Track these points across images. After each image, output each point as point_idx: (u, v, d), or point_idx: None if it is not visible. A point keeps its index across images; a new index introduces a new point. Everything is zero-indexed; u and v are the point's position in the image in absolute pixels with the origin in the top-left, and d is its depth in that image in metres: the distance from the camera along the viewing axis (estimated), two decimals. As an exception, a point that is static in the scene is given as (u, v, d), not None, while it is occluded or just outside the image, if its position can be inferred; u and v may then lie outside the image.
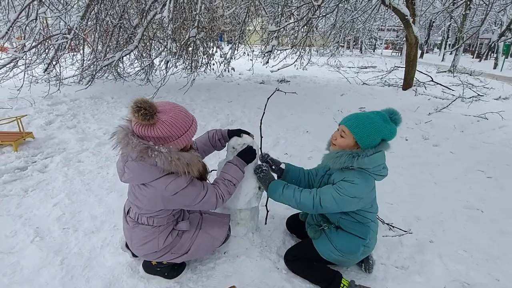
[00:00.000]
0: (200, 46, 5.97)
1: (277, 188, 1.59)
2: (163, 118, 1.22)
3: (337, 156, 1.43)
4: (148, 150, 1.20)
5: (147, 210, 1.40)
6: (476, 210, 2.43)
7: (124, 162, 1.30)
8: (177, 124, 1.24)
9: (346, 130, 1.45)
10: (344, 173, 1.46)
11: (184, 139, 1.29)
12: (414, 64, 7.15)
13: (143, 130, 1.22)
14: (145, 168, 1.26)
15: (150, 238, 1.45)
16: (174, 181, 1.28)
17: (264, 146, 3.63)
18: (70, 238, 1.96)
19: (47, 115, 4.55)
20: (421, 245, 1.96)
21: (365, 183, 1.44)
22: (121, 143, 1.22)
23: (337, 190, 1.43)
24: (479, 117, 4.97)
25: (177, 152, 1.26)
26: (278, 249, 1.85)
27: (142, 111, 1.15)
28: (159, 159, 1.21)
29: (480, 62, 20.78)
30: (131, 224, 1.48)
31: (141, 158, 1.22)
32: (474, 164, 3.34)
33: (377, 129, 1.39)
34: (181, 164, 1.24)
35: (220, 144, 1.72)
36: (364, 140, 1.41)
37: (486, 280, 1.71)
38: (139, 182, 1.31)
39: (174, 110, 1.26)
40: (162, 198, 1.30)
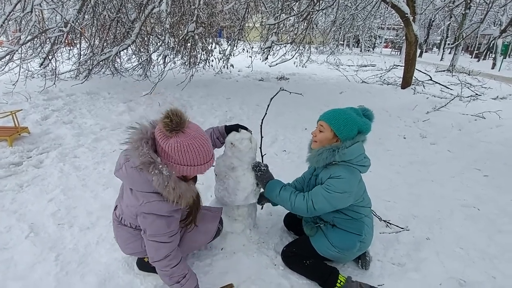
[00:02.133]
0: (199, 41, 5.92)
1: (274, 188, 1.61)
2: (181, 139, 1.16)
3: (319, 154, 1.49)
4: (150, 165, 1.15)
5: (126, 214, 1.38)
6: (473, 209, 2.44)
7: (125, 160, 1.27)
8: (189, 154, 1.18)
9: (324, 124, 1.52)
10: (330, 170, 1.50)
11: (188, 170, 1.21)
12: (413, 63, 7.14)
13: (158, 136, 1.19)
14: (140, 177, 1.22)
15: (133, 240, 1.44)
16: (158, 202, 1.23)
17: (263, 143, 3.59)
18: (65, 234, 1.94)
19: (43, 110, 4.49)
20: (418, 243, 1.96)
21: (351, 176, 1.48)
22: (131, 144, 1.18)
23: (326, 189, 1.46)
24: (476, 116, 4.98)
25: (175, 181, 1.19)
26: (276, 246, 1.85)
27: (167, 121, 1.12)
28: (156, 179, 1.16)
29: (478, 62, 20.83)
30: (115, 223, 1.47)
31: (140, 170, 1.18)
32: (471, 163, 3.35)
33: (352, 120, 1.47)
34: (174, 194, 1.19)
35: (220, 142, 1.68)
36: (341, 130, 1.47)
37: (482, 278, 1.71)
38: (129, 185, 1.29)
39: (197, 140, 1.19)
40: (137, 210, 1.26)
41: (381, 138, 4.05)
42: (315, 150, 1.52)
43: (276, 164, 3.14)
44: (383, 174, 2.99)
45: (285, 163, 3.19)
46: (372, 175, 2.93)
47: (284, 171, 2.94)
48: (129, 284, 1.57)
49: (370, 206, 1.68)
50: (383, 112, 5.33)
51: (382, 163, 3.24)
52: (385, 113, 5.27)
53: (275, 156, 3.34)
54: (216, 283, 1.56)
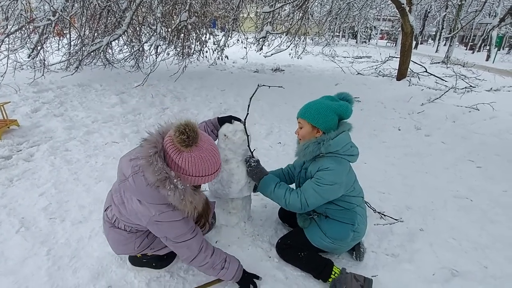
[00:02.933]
0: (192, 32, 5.81)
1: (268, 185, 1.60)
2: (194, 153, 1.16)
3: (305, 148, 1.49)
4: (166, 181, 1.13)
5: (128, 219, 1.33)
6: (466, 200, 2.46)
7: (133, 172, 1.21)
8: (202, 166, 1.18)
9: (301, 120, 1.54)
10: (318, 162, 1.50)
11: (199, 180, 1.22)
12: (409, 54, 7.12)
13: (170, 149, 1.16)
14: (152, 192, 1.18)
15: (126, 242, 1.41)
16: (168, 213, 1.22)
17: (258, 136, 3.59)
18: (57, 228, 1.91)
19: (32, 102, 4.39)
20: (412, 234, 1.97)
21: (340, 167, 1.47)
22: (144, 160, 1.14)
23: (316, 183, 1.47)
24: (470, 108, 5.00)
25: (191, 193, 1.20)
26: (270, 238, 1.84)
27: (184, 137, 1.09)
28: (172, 194, 1.15)
29: (473, 54, 20.91)
30: (107, 225, 1.42)
31: (157, 188, 1.15)
32: (464, 154, 3.37)
33: (325, 107, 1.46)
34: (190, 207, 1.20)
35: (214, 135, 1.64)
36: (318, 120, 1.46)
37: (474, 267, 1.74)
38: (137, 197, 1.23)
39: (209, 153, 1.19)
40: (150, 219, 1.23)
41: (376, 130, 4.06)
42: (301, 145, 1.54)
43: (271, 156, 3.12)
44: (378, 166, 2.99)
45: (280, 155, 3.17)
46: (367, 166, 2.95)
47: (279, 164, 2.90)
48: (123, 278, 1.56)
49: (362, 196, 1.68)
50: (378, 104, 5.33)
51: (377, 155, 3.24)
52: (380, 105, 5.27)
53: (270, 148, 3.33)
54: (211, 276, 1.55)
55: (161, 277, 1.55)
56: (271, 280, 1.55)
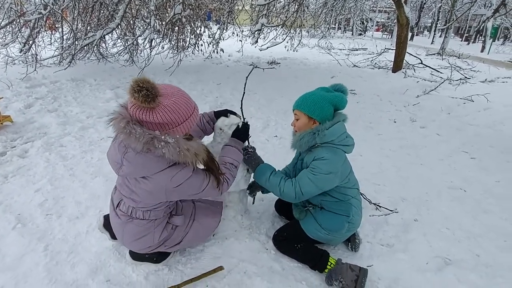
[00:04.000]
0: (187, 25, 5.73)
1: (264, 173, 1.61)
2: (164, 103, 1.13)
3: (300, 138, 1.50)
4: (154, 141, 1.11)
5: (145, 204, 1.33)
6: (459, 190, 2.50)
7: (122, 153, 1.19)
8: (179, 110, 1.16)
9: (297, 112, 1.55)
10: (313, 152, 1.51)
11: (185, 126, 1.20)
12: (405, 46, 7.12)
13: (141, 114, 1.11)
14: (149, 160, 1.17)
15: (145, 233, 1.39)
16: (180, 172, 1.22)
17: (254, 129, 3.59)
18: (54, 224, 1.91)
19: (26, 98, 4.33)
20: (406, 224, 2.00)
21: (335, 157, 1.49)
22: (122, 133, 1.10)
23: (311, 172, 1.48)
24: (465, 100, 5.04)
25: (185, 142, 1.18)
26: (267, 231, 1.86)
27: (143, 92, 1.05)
28: (167, 150, 1.12)
29: (468, 45, 20.95)
30: (123, 219, 1.39)
31: (147, 151, 1.13)
32: (459, 146, 3.41)
33: (320, 98, 1.48)
34: (190, 155, 1.18)
35: (210, 126, 1.65)
36: (313, 111, 1.48)
37: (467, 256, 1.77)
38: (141, 175, 1.22)
39: (177, 95, 1.18)
40: (166, 190, 1.23)
41: (372, 123, 4.07)
42: (297, 135, 1.55)
43: (268, 149, 3.13)
44: (373, 158, 3.02)
45: (277, 149, 3.18)
46: (363, 159, 2.98)
47: (275, 157, 2.94)
48: (121, 272, 1.57)
49: (358, 187, 1.71)
50: (374, 96, 5.34)
51: (373, 147, 3.27)
52: (376, 98, 5.28)
53: (266, 142, 3.33)
54: (208, 268, 1.57)
55: (159, 270, 1.56)
56: (268, 271, 1.57)
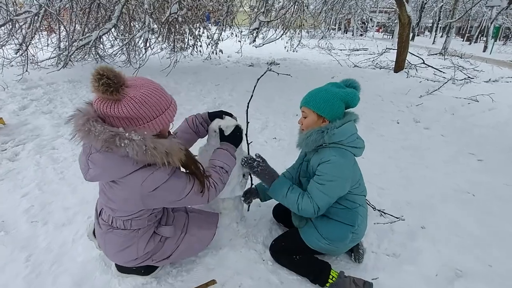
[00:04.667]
0: (185, 25, 5.64)
1: (281, 189, 1.44)
2: (131, 94, 0.99)
3: (307, 137, 1.38)
4: (115, 138, 0.97)
5: (123, 211, 1.20)
6: (467, 194, 2.38)
7: (87, 155, 1.07)
8: (150, 102, 1.02)
9: (305, 109, 1.43)
10: (320, 154, 1.39)
11: (159, 122, 1.07)
12: (406, 46, 7.01)
13: (105, 108, 0.99)
14: (115, 160, 1.04)
15: (128, 244, 1.26)
16: (153, 175, 1.08)
17: (252, 130, 3.48)
18: (39, 232, 1.80)
19: (21, 99, 4.25)
20: (413, 232, 1.89)
21: (343, 160, 1.36)
22: (81, 131, 0.98)
23: (318, 182, 1.36)
24: (470, 100, 4.92)
25: (153, 140, 1.03)
26: (264, 239, 1.75)
27: (103, 80, 0.92)
28: (131, 149, 0.98)
29: (470, 45, 20.83)
30: (104, 228, 1.28)
31: (107, 149, 1.00)
32: (464, 147, 3.29)
33: (331, 95, 1.36)
34: (159, 154, 1.02)
35: (203, 128, 1.53)
36: (323, 108, 1.36)
37: (478, 266, 1.66)
38: (109, 178, 1.10)
39: (148, 86, 1.04)
40: (141, 196, 1.10)
41: (374, 123, 3.96)
42: (304, 133, 1.42)
43: (267, 151, 3.02)
44: (376, 160, 2.90)
45: (276, 151, 3.07)
46: (365, 161, 2.85)
47: (274, 159, 2.81)
48: (107, 284, 1.46)
49: (365, 194, 1.58)
50: (376, 97, 5.22)
51: (375, 149, 3.15)
52: (378, 98, 5.16)
53: (265, 144, 3.23)
54: (201, 281, 1.46)
55: (148, 284, 1.45)
56: (265, 284, 1.46)
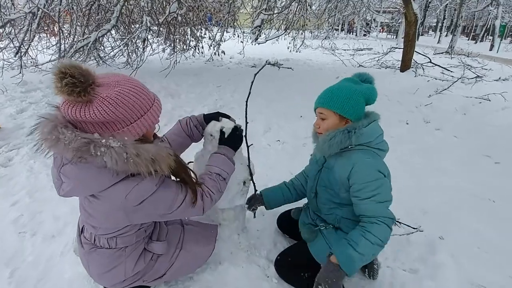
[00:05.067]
0: (186, 26, 5.54)
1: (352, 259, 1.11)
2: (104, 94, 0.84)
3: (330, 138, 1.21)
4: (89, 146, 0.83)
5: (106, 229, 1.06)
6: (487, 200, 2.21)
7: (58, 167, 0.92)
8: (128, 102, 0.87)
9: (323, 110, 1.26)
10: (345, 157, 1.23)
11: (141, 124, 0.92)
12: (413, 44, 6.82)
13: (74, 112, 0.84)
14: (91, 172, 0.89)
15: (115, 265, 1.12)
16: (138, 186, 0.93)
17: (255, 133, 3.34)
18: (26, 244, 1.68)
19: (19, 103, 4.18)
20: (431, 243, 1.72)
21: (377, 160, 1.23)
22: (47, 140, 0.84)
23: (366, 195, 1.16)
24: (481, 99, 4.73)
25: (135, 145, 0.88)
26: (268, 253, 1.60)
27: (67, 80, 0.77)
28: (109, 158, 0.84)
29: (476, 44, 20.51)
30: (86, 248, 1.13)
31: (80, 159, 0.85)
32: (479, 149, 3.11)
33: (353, 92, 1.22)
34: (143, 161, 0.88)
35: (198, 131, 1.39)
36: (348, 109, 1.21)
37: (504, 282, 1.50)
38: (86, 193, 0.97)
39: (125, 84, 0.89)
40: (125, 211, 0.96)
41: (382, 124, 3.78)
42: (325, 135, 1.23)
43: (270, 155, 2.88)
44: (386, 163, 2.74)
45: (279, 154, 2.93)
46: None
47: (278, 163, 2.69)
48: (95, 305, 1.33)
49: None
50: (382, 97, 5.05)
51: (385, 152, 2.99)
52: (385, 98, 4.99)
53: (268, 147, 3.08)
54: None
55: (139, 303, 1.32)
56: (269, 304, 1.32)
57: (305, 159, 2.93)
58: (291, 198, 1.62)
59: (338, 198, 1.31)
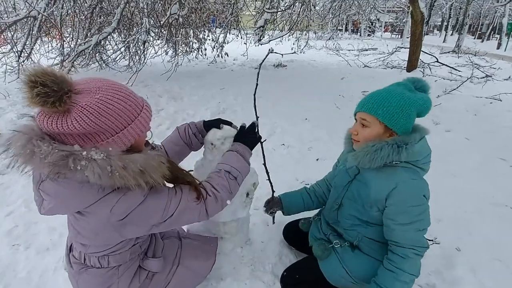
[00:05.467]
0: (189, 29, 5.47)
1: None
2: (84, 102, 0.75)
3: (375, 150, 1.05)
4: (68, 160, 0.74)
5: (96, 246, 0.97)
6: (505, 207, 2.09)
7: (37, 183, 0.84)
8: (111, 110, 0.78)
9: (366, 117, 1.09)
10: (387, 175, 1.08)
11: (128, 134, 0.82)
12: (419, 44, 6.68)
13: (49, 124, 0.74)
14: (72, 189, 0.81)
15: (106, 285, 1.03)
16: (124, 198, 0.84)
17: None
18: (20, 258, 1.61)
19: (21, 108, 4.14)
20: (448, 255, 1.61)
21: (423, 181, 1.09)
22: (21, 156, 0.75)
23: (406, 221, 1.06)
24: (492, 99, 4.58)
25: (121, 157, 0.79)
26: (273, 267, 1.50)
27: (38, 89, 0.68)
28: (91, 172, 0.75)
29: (482, 43, 20.19)
30: (76, 268, 1.04)
31: (57, 175, 0.76)
32: (493, 151, 2.97)
33: (408, 102, 1.04)
34: (130, 174, 0.79)
35: (197, 139, 1.29)
36: (396, 119, 1.04)
37: (531, 299, 1.38)
38: (70, 211, 0.89)
39: (106, 90, 0.79)
40: (113, 226, 0.86)
41: (390, 127, 3.67)
42: (369, 145, 1.07)
43: (275, 160, 2.77)
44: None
45: (285, 159, 2.83)
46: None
47: (283, 168, 2.58)
48: (88, 326, 1.24)
49: None
50: (389, 97, 4.93)
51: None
52: (392, 99, 4.87)
53: (273, 151, 2.98)
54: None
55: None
56: (275, 326, 1.22)
57: (311, 164, 2.86)
58: (312, 205, 1.51)
59: (365, 215, 1.18)
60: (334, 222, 1.32)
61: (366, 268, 1.18)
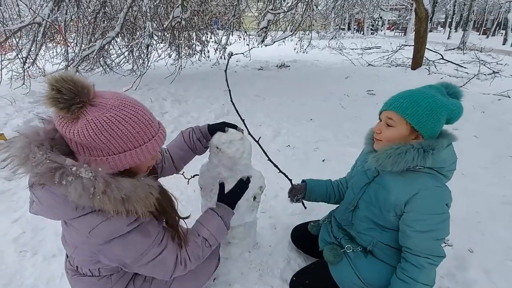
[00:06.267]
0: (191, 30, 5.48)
1: None
2: (90, 116, 0.75)
3: (399, 153, 1.01)
4: (55, 173, 0.73)
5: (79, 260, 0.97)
6: (518, 207, 2.04)
7: (30, 185, 0.84)
8: (115, 132, 0.77)
9: (393, 116, 1.05)
10: (411, 181, 1.04)
11: (129, 157, 0.81)
12: (424, 41, 6.61)
13: (61, 127, 0.77)
14: (57, 199, 0.80)
15: None
16: (106, 223, 0.81)
17: (264, 138, 3.21)
18: (26, 265, 1.60)
19: (27, 113, 4.18)
20: (460, 258, 1.57)
21: (446, 189, 1.05)
22: (17, 158, 0.75)
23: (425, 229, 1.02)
24: (500, 96, 4.50)
25: (108, 179, 0.77)
26: (282, 272, 1.48)
27: (53, 93, 0.71)
28: (74, 189, 0.74)
29: (487, 39, 19.96)
30: (70, 274, 1.05)
31: (40, 186, 0.78)
32: (503, 150, 2.92)
33: (439, 105, 1.00)
34: (110, 201, 0.77)
35: (201, 145, 1.27)
36: (425, 121, 1.00)
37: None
38: (54, 218, 0.88)
39: (121, 110, 0.78)
40: (90, 246, 0.85)
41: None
42: (393, 147, 1.03)
43: (280, 162, 2.73)
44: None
45: (290, 160, 2.80)
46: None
47: (289, 170, 2.54)
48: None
49: None
50: (394, 96, 4.87)
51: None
52: (397, 98, 4.82)
53: (278, 153, 2.96)
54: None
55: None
56: (285, 333, 1.20)
57: (317, 165, 2.83)
58: (333, 198, 1.46)
59: (382, 220, 1.13)
60: (347, 224, 1.28)
61: (380, 275, 1.15)
